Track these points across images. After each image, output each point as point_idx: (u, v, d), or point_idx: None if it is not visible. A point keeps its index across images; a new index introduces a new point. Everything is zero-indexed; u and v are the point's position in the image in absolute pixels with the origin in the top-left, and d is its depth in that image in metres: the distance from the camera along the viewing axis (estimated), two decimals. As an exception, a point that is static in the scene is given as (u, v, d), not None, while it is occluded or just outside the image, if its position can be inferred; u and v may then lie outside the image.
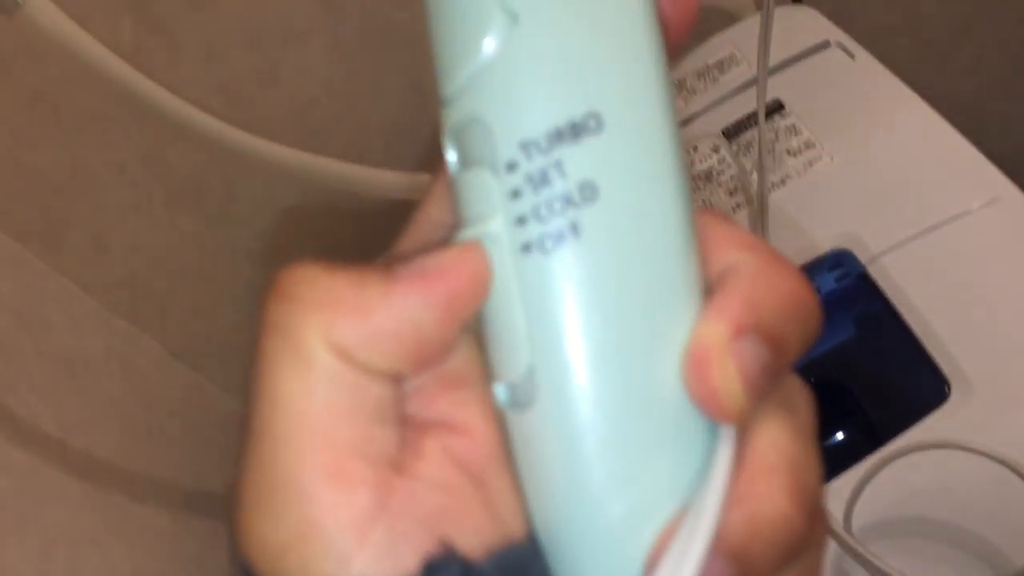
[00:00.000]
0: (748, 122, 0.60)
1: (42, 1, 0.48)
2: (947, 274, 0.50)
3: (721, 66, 0.64)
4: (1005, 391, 0.45)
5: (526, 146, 0.18)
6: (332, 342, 0.18)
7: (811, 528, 0.18)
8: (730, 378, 0.17)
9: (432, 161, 0.72)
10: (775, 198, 0.56)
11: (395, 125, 0.74)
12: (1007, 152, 0.96)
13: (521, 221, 0.18)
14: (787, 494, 0.18)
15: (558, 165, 0.18)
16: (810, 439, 0.19)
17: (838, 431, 0.52)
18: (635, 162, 0.18)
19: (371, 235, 0.78)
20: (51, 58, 0.58)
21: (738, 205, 0.57)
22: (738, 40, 0.64)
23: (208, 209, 0.72)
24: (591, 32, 0.19)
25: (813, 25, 0.64)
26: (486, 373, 0.20)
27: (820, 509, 0.19)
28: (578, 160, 0.18)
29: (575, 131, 0.18)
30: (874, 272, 0.51)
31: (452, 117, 0.19)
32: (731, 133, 0.61)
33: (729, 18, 0.68)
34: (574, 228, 0.18)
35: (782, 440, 0.18)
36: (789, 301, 0.19)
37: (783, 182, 0.57)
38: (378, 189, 0.70)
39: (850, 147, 0.56)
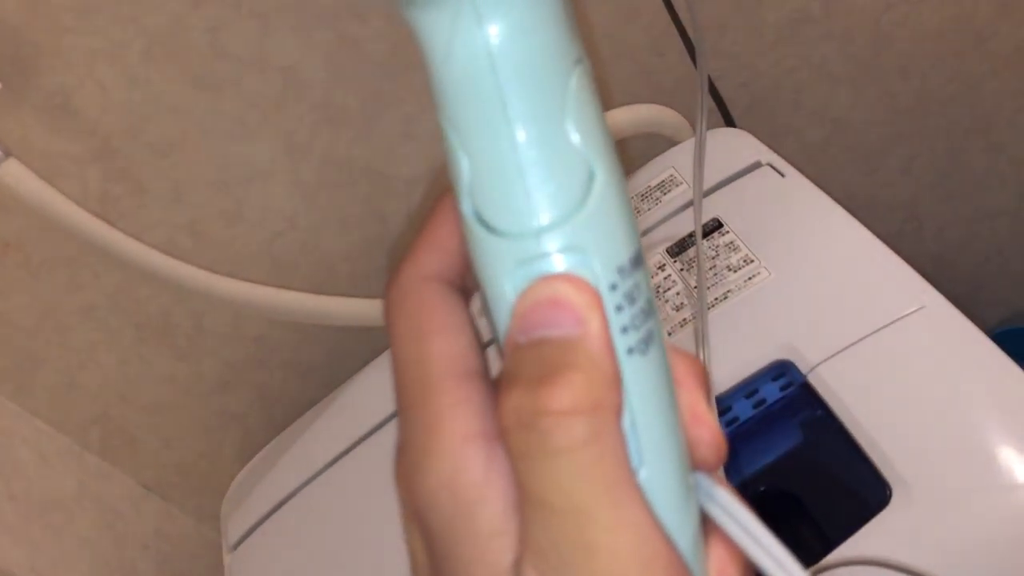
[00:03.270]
0: (690, 240, 0.64)
1: (13, 164, 0.51)
2: (881, 380, 0.52)
3: (663, 187, 0.68)
4: (940, 492, 0.48)
5: (621, 270, 0.23)
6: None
7: None
8: (720, 439, 0.24)
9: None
10: (718, 312, 0.59)
11: (358, 253, 0.77)
12: (943, 249, 1.01)
13: (624, 330, 0.23)
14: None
15: (637, 285, 0.23)
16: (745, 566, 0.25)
17: (789, 538, 0.53)
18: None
19: (339, 360, 0.80)
20: (21, 211, 0.60)
21: (684, 320, 0.60)
22: (676, 162, 0.68)
23: (176, 342, 0.74)
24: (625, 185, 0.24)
25: (746, 146, 0.68)
26: None
27: None
28: (644, 282, 0.23)
29: (638, 259, 0.23)
30: (814, 381, 0.54)
31: (537, 247, 0.23)
32: (675, 251, 0.64)
33: (668, 142, 0.72)
34: (651, 335, 0.23)
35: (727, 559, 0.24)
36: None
37: (725, 297, 0.60)
38: (343, 317, 0.73)
39: (786, 261, 0.60)
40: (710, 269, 0.61)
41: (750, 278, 0.60)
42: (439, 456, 0.22)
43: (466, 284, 0.26)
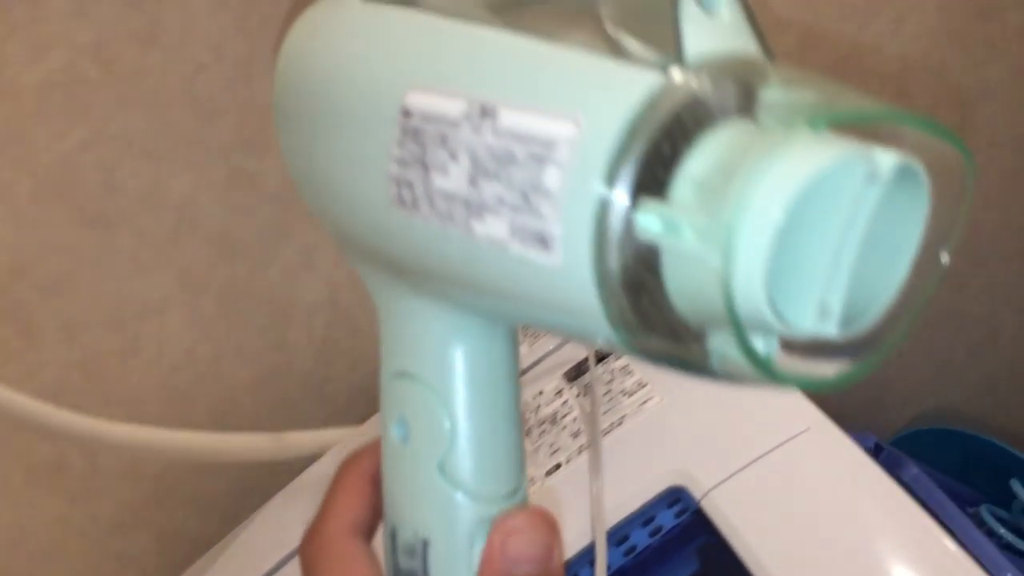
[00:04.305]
0: (586, 365, 0.64)
1: None
2: (770, 504, 0.53)
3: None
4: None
5: None
6: None
7: None
8: None
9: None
10: (614, 437, 0.59)
11: (260, 384, 0.76)
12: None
13: None
14: None
15: None
16: None
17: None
18: None
19: (242, 496, 0.78)
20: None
21: (581, 447, 0.60)
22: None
23: (69, 485, 0.72)
24: None
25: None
26: None
27: None
28: None
29: None
30: (708, 506, 0.54)
31: (503, 505, 0.29)
32: (572, 376, 0.65)
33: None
34: None
35: None
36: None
37: (621, 422, 0.60)
38: (243, 453, 0.71)
39: (677, 386, 0.61)
40: (605, 394, 0.62)
41: (644, 403, 0.60)
42: None
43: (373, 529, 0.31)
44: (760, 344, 0.20)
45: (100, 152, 0.63)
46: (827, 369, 0.21)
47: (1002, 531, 0.85)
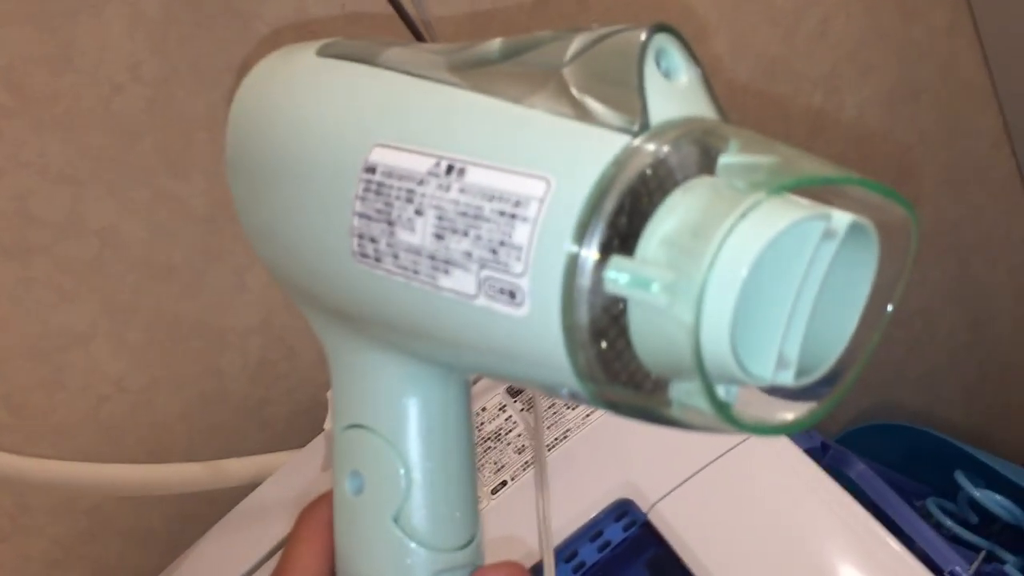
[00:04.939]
0: (528, 379, 0.63)
1: None
2: (716, 514, 0.52)
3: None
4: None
5: None
6: None
7: None
8: None
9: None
10: (560, 452, 0.58)
11: (195, 411, 0.74)
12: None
13: None
14: None
15: None
16: None
17: None
18: None
19: (180, 522, 0.76)
20: None
21: (527, 463, 0.59)
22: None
23: (-3, 525, 0.69)
24: None
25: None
26: None
27: None
28: None
29: None
30: (655, 518, 0.53)
31: (459, 558, 0.29)
32: (514, 391, 0.64)
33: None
34: None
35: None
36: None
37: (565, 436, 0.59)
38: (179, 484, 0.69)
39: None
40: (548, 408, 0.61)
41: (587, 416, 0.60)
42: None
43: None
44: (721, 392, 0.21)
45: (13, 179, 0.60)
46: (785, 414, 0.22)
47: (948, 523, 0.85)
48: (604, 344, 0.21)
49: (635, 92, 0.21)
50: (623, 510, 0.55)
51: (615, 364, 0.21)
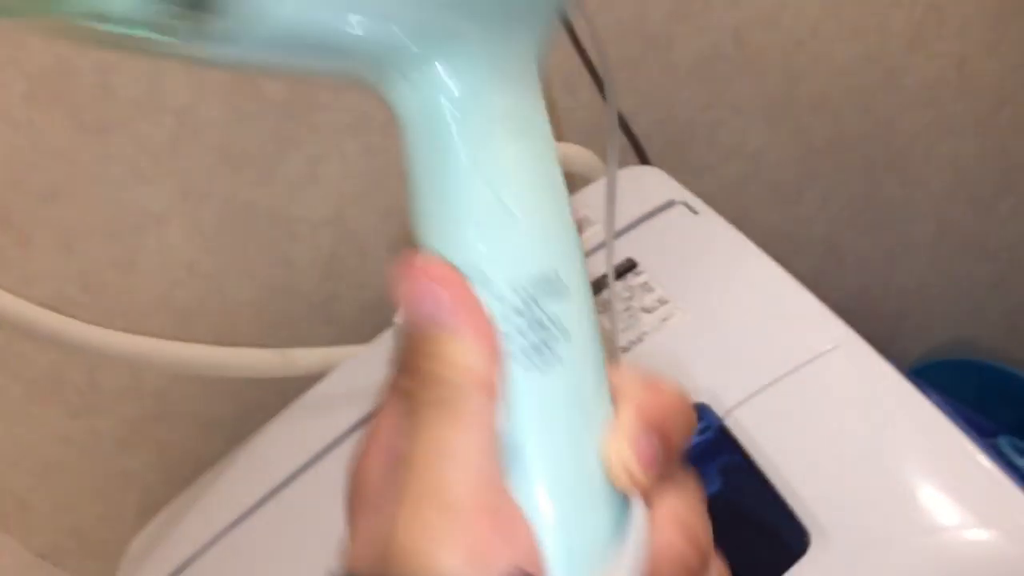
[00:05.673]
0: (604, 281, 0.62)
1: None
2: (798, 423, 0.51)
3: (577, 227, 0.66)
4: (859, 537, 0.46)
5: (516, 286, 0.25)
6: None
7: (703, 562, 0.26)
8: (632, 466, 0.25)
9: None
10: (633, 355, 0.57)
11: (263, 300, 0.74)
12: (865, 284, 1.01)
13: (524, 351, 0.25)
14: (682, 537, 0.25)
15: (536, 303, 0.25)
16: (697, 506, 0.26)
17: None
18: (588, 312, 0.26)
19: (244, 413, 0.77)
20: None
21: (599, 365, 0.58)
22: (589, 202, 0.67)
23: (70, 400, 0.70)
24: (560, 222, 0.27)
25: (659, 184, 0.67)
26: None
27: (709, 548, 0.26)
28: (554, 303, 0.25)
29: (545, 280, 0.25)
30: (732, 424, 0.52)
31: None
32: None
33: (582, 180, 0.71)
34: (559, 359, 0.25)
35: (678, 506, 0.26)
36: (669, 408, 0.26)
37: (640, 339, 0.58)
38: (248, 369, 0.69)
39: (700, 302, 0.58)
40: (625, 311, 0.60)
41: (665, 319, 0.58)
42: None
43: None
44: None
45: (97, 54, 0.59)
46: None
47: (1020, 462, 0.83)
48: None
49: None
50: (698, 414, 0.54)
51: None
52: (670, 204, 0.65)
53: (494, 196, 0.25)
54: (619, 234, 0.64)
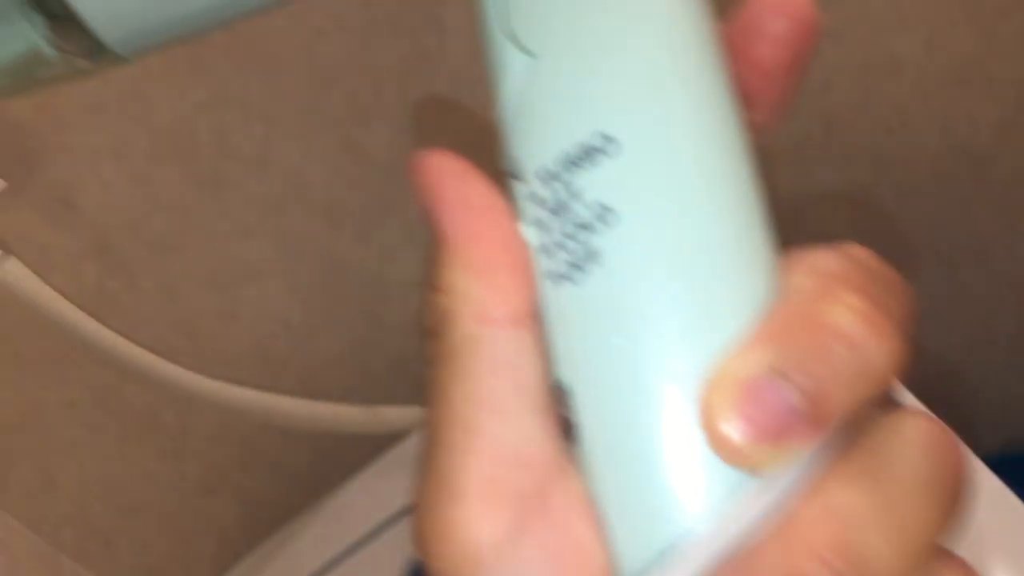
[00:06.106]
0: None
1: (13, 263, 0.51)
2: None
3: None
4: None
5: (542, 176, 0.18)
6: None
7: None
8: (734, 423, 0.15)
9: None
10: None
11: (351, 357, 0.76)
12: (943, 372, 1.00)
13: (547, 251, 0.18)
14: (825, 556, 0.15)
15: (573, 191, 0.17)
16: (899, 507, 0.16)
17: None
18: (658, 184, 0.17)
19: (326, 465, 0.78)
20: (16, 307, 0.60)
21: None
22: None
23: (161, 442, 0.72)
24: (606, 57, 0.18)
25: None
26: None
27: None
28: (594, 184, 0.17)
29: (588, 154, 0.17)
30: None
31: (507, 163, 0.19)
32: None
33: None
34: (594, 255, 0.17)
35: (849, 504, 0.15)
36: (839, 337, 0.16)
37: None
38: (333, 423, 0.71)
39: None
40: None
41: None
42: None
43: None
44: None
45: (216, 114, 0.63)
46: None
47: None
48: None
49: None
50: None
51: None
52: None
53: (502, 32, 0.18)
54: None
